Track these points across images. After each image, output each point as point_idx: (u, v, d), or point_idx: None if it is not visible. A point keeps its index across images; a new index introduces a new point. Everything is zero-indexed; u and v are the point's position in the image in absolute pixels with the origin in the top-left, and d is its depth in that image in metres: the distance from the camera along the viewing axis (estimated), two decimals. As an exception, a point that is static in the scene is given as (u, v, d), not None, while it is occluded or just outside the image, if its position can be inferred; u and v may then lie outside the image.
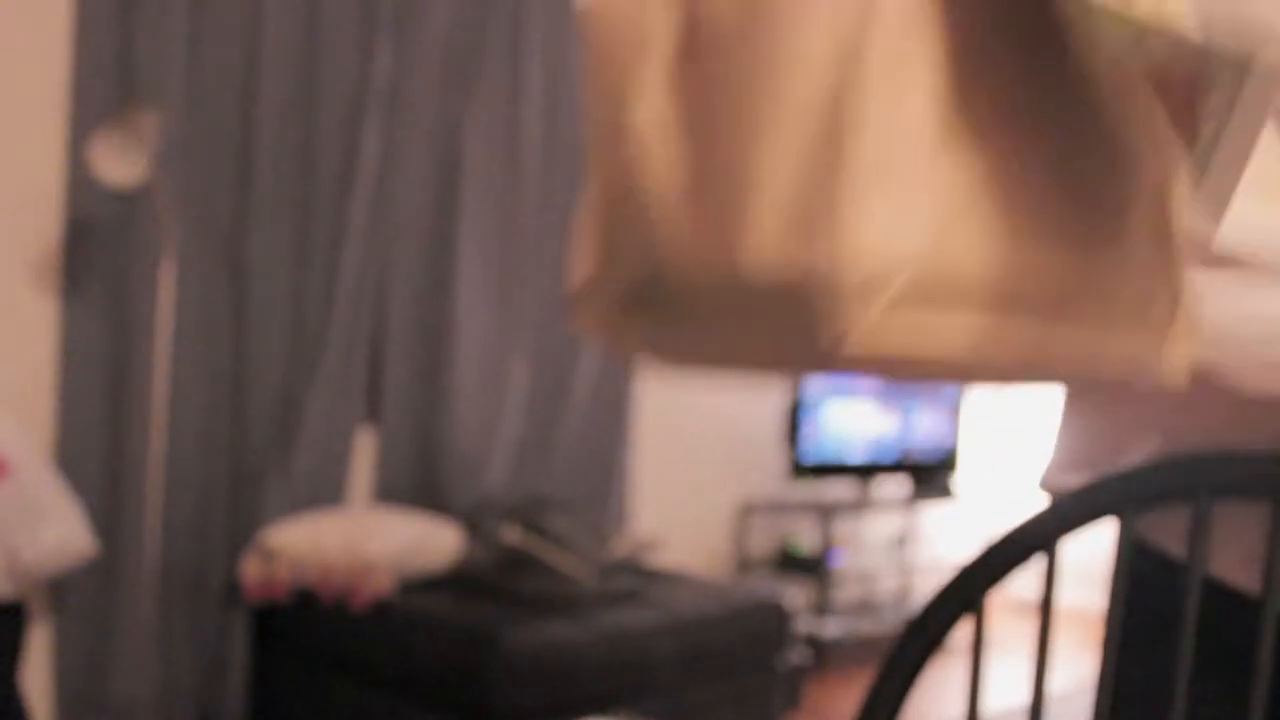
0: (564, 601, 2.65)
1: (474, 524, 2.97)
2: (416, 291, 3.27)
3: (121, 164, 2.48)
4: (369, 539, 2.71)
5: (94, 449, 2.76)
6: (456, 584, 2.82)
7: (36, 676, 2.72)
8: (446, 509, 3.24)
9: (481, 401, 3.36)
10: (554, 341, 3.56)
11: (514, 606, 2.60)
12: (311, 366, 3.03)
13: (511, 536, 2.92)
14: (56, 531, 2.38)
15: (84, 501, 2.72)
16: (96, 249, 2.76)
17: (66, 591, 2.71)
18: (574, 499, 3.60)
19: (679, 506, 4.04)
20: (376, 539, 2.71)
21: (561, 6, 3.53)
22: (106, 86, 2.75)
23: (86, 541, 2.43)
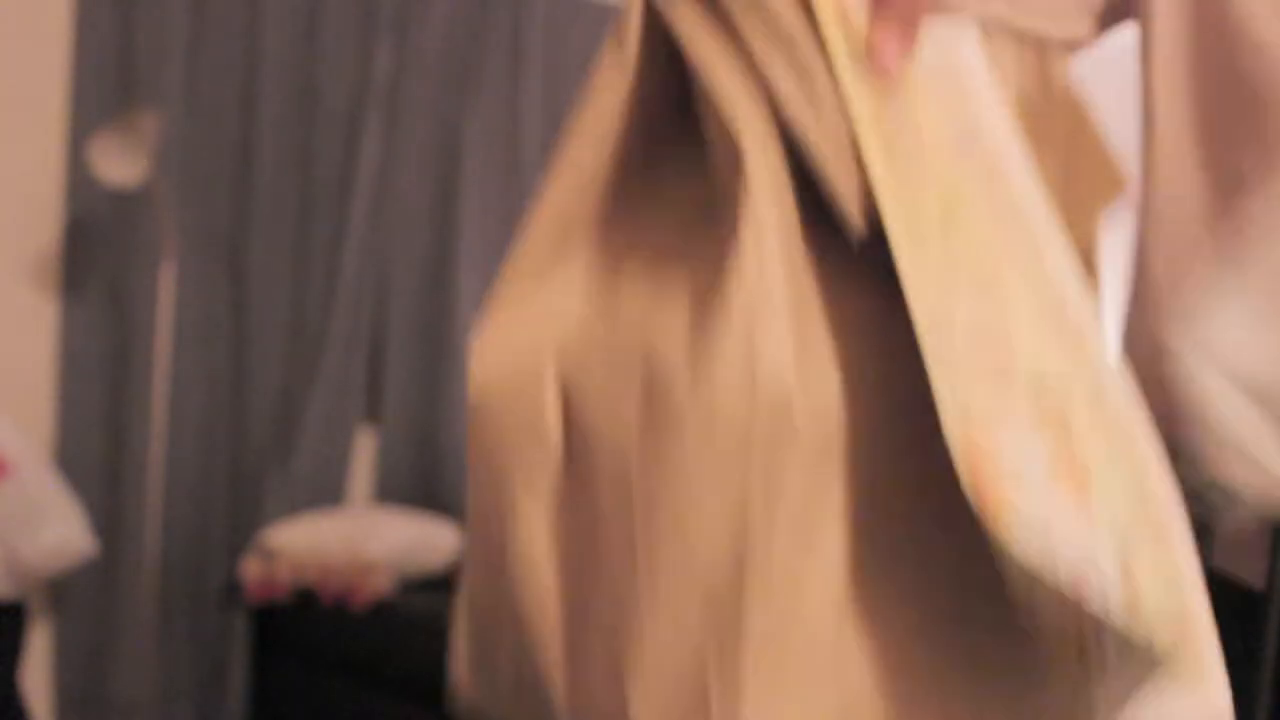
0: (564, 601, 2.65)
1: (474, 524, 2.97)
2: (416, 292, 3.27)
3: (121, 164, 2.47)
4: (369, 539, 2.71)
5: (94, 449, 2.76)
6: (456, 584, 2.81)
7: (36, 676, 2.71)
8: (446, 509, 3.23)
9: (481, 401, 3.36)
10: (554, 341, 3.55)
11: (514, 606, 2.60)
12: (311, 366, 3.03)
13: (511, 536, 2.92)
14: (56, 531, 2.38)
15: (84, 501, 2.72)
16: (96, 249, 2.76)
17: (66, 591, 2.71)
18: (574, 499, 3.60)
19: (679, 506, 4.04)
20: (376, 539, 2.71)
21: (561, 6, 3.53)
22: (106, 86, 2.75)
23: (86, 541, 2.43)
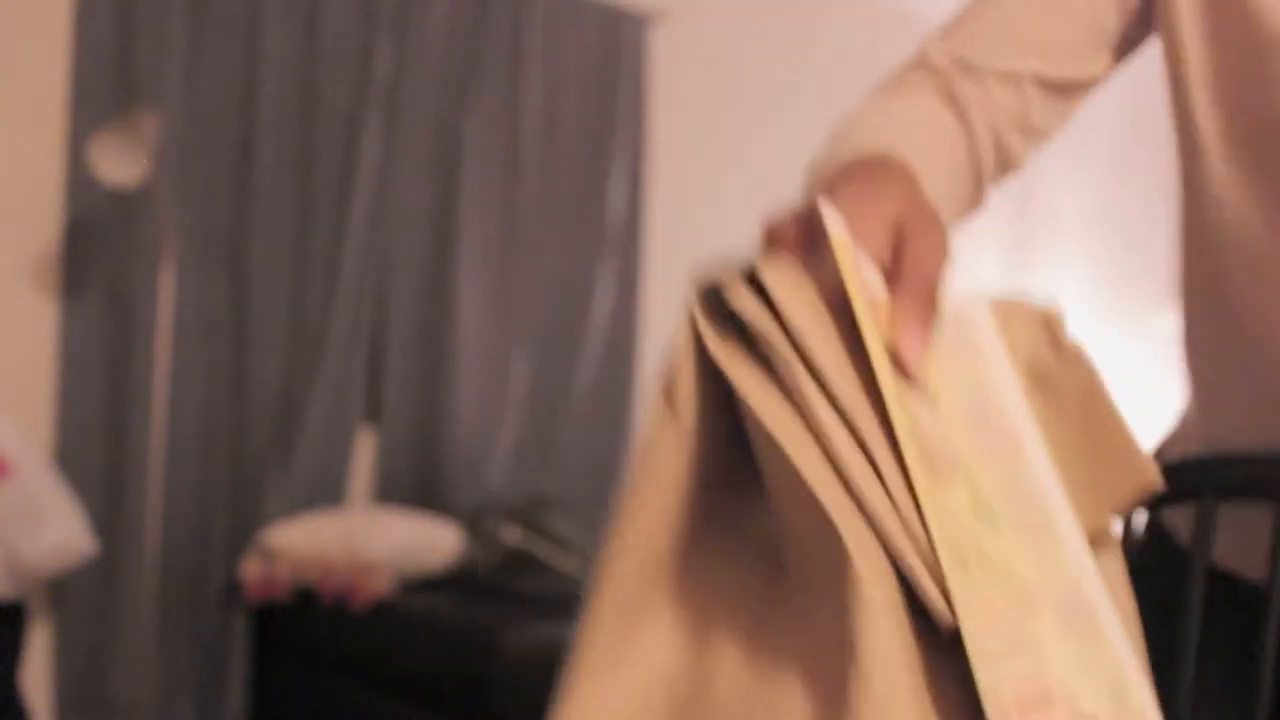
0: (564, 601, 2.65)
1: (474, 524, 2.97)
2: (416, 291, 3.27)
3: (121, 164, 2.47)
4: (369, 539, 2.71)
5: (94, 449, 2.76)
6: (456, 584, 2.81)
7: (36, 676, 2.71)
8: (446, 509, 3.23)
9: (482, 401, 3.36)
10: (554, 342, 3.56)
11: (514, 606, 2.60)
12: (311, 366, 3.03)
13: (511, 536, 2.92)
14: (56, 531, 2.38)
15: (84, 501, 2.72)
16: (96, 249, 2.76)
17: (66, 591, 2.71)
18: (574, 499, 3.60)
19: (679, 507, 4.04)
20: (376, 539, 2.71)
21: (561, 6, 3.53)
22: (106, 86, 2.75)
23: (86, 541, 2.43)
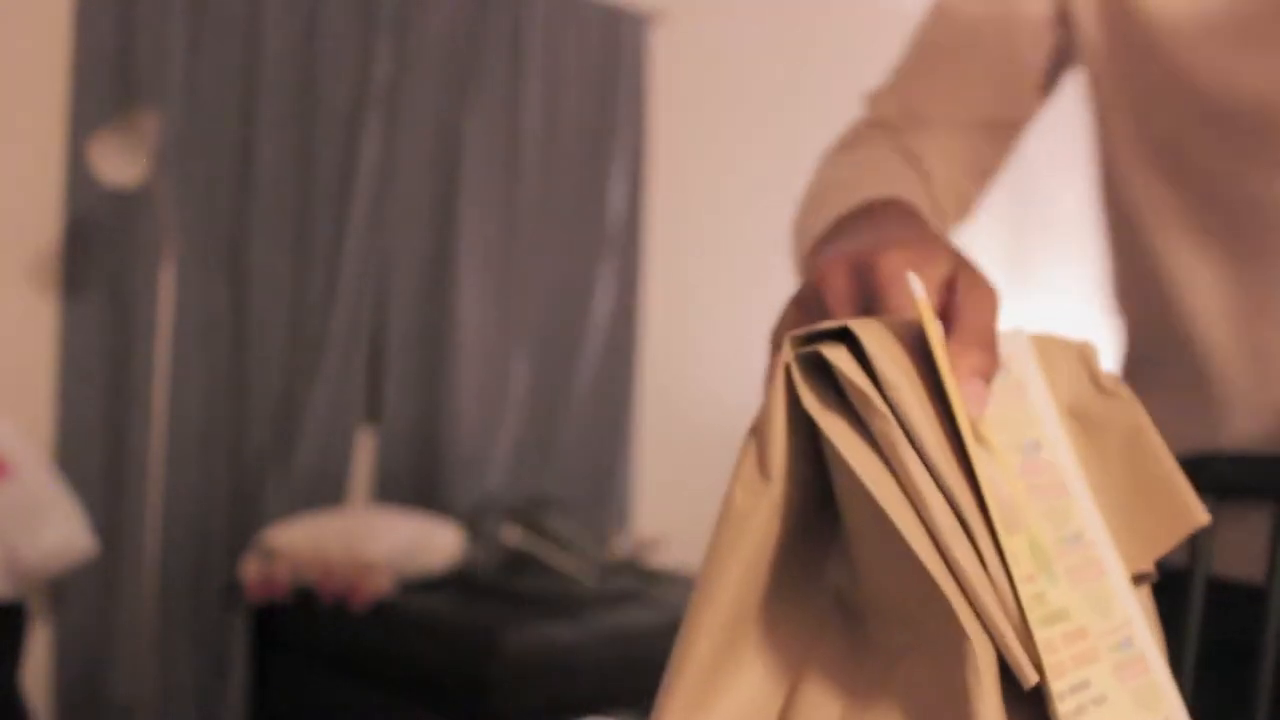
0: (564, 601, 2.65)
1: (474, 524, 2.97)
2: (416, 292, 3.27)
3: (121, 164, 2.47)
4: (369, 539, 2.71)
5: (94, 449, 2.76)
6: (456, 584, 2.82)
7: (36, 676, 2.72)
8: (446, 509, 3.23)
9: (481, 401, 3.36)
10: (554, 342, 3.56)
11: (514, 606, 2.60)
12: (311, 366, 3.03)
13: (511, 536, 2.92)
14: (56, 531, 2.38)
15: (84, 501, 2.73)
16: (96, 249, 2.76)
17: (66, 591, 2.71)
18: (574, 499, 3.60)
19: (679, 506, 4.04)
20: (376, 539, 2.71)
21: (561, 6, 3.53)
22: (106, 86, 2.75)
23: (86, 541, 2.43)
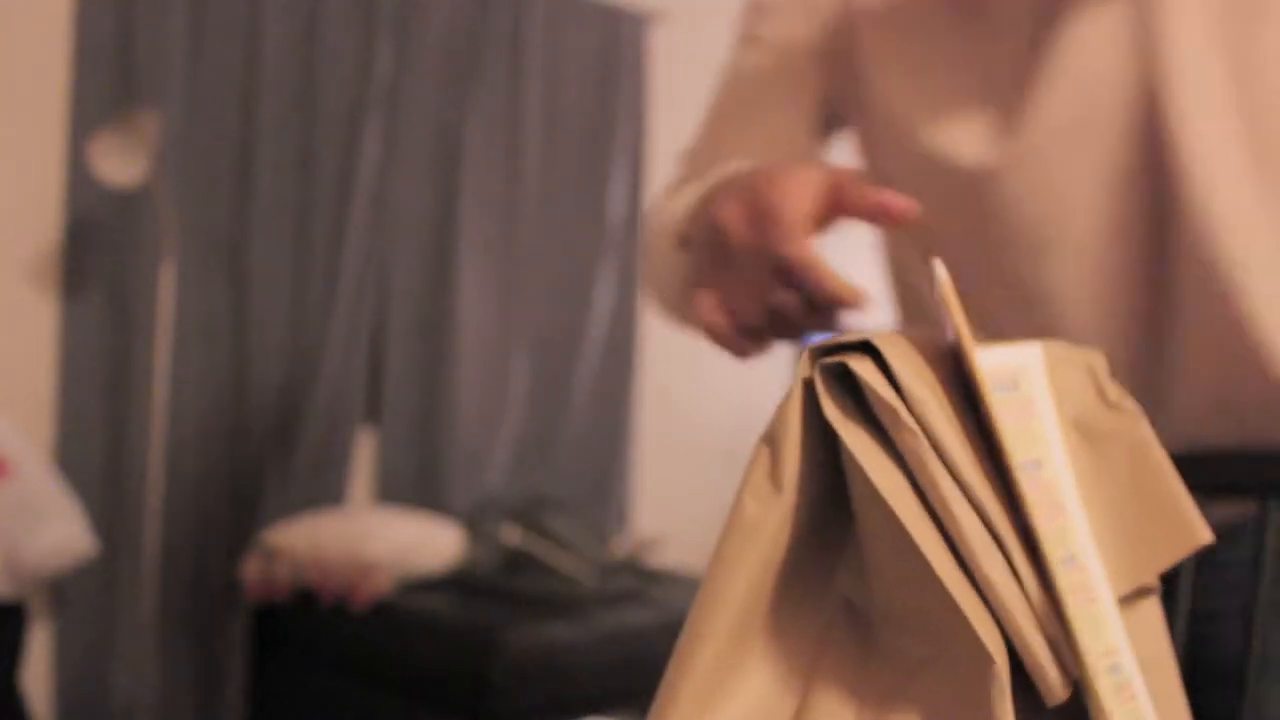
0: (564, 601, 2.65)
1: (474, 524, 2.97)
2: (416, 291, 3.27)
3: (121, 164, 2.48)
4: (369, 539, 2.71)
5: (94, 449, 2.76)
6: (456, 584, 2.82)
7: (36, 676, 2.72)
8: (446, 509, 3.23)
9: (482, 400, 3.36)
10: (554, 340, 3.56)
11: (514, 606, 2.60)
12: (311, 366, 3.03)
13: (511, 536, 2.92)
14: (56, 531, 2.38)
15: (84, 501, 2.73)
16: (96, 249, 2.76)
17: (66, 591, 2.71)
18: (574, 499, 3.60)
19: (679, 506, 4.04)
20: (376, 539, 2.71)
21: (561, 6, 3.53)
22: (106, 86, 2.75)
23: (86, 541, 2.43)
